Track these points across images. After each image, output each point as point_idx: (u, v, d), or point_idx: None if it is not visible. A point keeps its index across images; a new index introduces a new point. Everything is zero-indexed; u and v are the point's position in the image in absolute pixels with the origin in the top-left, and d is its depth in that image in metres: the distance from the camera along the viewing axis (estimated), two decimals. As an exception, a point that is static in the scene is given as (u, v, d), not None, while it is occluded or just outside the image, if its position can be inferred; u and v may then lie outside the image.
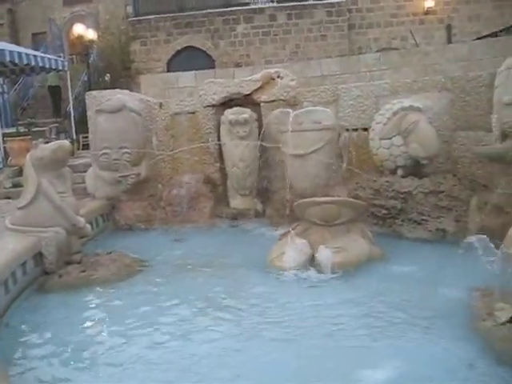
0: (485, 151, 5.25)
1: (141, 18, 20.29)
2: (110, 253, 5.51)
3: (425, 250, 5.26)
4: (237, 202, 7.04)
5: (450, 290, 4.09)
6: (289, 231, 5.31)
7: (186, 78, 11.36)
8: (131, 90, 8.55)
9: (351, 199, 5.36)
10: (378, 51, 16.98)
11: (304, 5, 20.53)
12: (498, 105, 4.96)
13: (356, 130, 6.47)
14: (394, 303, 4.02)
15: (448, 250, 4.64)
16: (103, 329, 3.96)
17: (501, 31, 16.20)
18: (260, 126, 6.85)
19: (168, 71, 18.99)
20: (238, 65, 18.63)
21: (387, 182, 5.74)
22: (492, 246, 3.46)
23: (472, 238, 3.52)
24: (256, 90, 7.03)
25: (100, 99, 7.16)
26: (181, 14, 20.35)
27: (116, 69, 19.11)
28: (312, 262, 4.86)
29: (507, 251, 3.27)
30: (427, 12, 21.13)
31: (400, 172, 5.77)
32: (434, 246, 5.34)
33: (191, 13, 20.32)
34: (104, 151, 6.96)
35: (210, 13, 20.34)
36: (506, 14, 20.50)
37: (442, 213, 5.53)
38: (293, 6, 20.51)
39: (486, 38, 14.38)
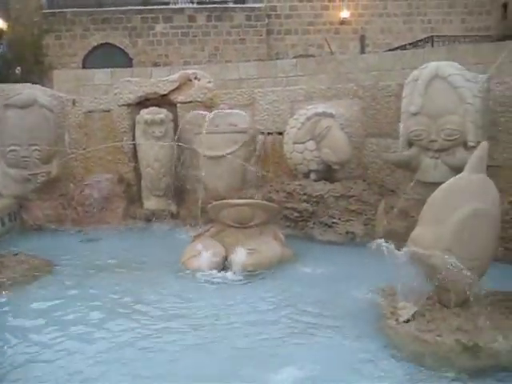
0: (392, 158, 5.50)
1: (55, 10, 19.62)
2: (17, 254, 5.29)
3: (335, 252, 5.42)
4: (151, 203, 6.96)
5: (358, 291, 4.23)
6: (202, 233, 5.32)
7: (102, 75, 11.10)
8: (43, 85, 8.25)
9: (264, 202, 5.45)
10: (295, 57, 17.33)
11: (224, 7, 20.66)
12: (404, 114, 5.20)
13: (271, 133, 6.59)
14: (303, 304, 4.11)
15: (356, 252, 4.81)
16: (5, 334, 3.78)
17: (410, 44, 17.03)
18: (176, 127, 6.81)
19: (84, 67, 18.49)
20: (156, 64, 18.43)
21: (300, 185, 5.87)
22: (396, 248, 3.60)
23: (378, 241, 3.65)
24: (173, 90, 7.00)
25: (9, 93, 6.86)
26: (98, 9, 19.86)
27: (28, 62, 18.33)
28: (225, 263, 4.90)
29: (410, 253, 3.43)
30: (343, 22, 21.82)
31: (313, 176, 5.93)
32: (343, 248, 5.51)
33: (109, 9, 19.90)
34: (12, 148, 6.69)
35: (129, 10, 20.01)
36: (414, 28, 21.57)
37: (351, 216, 5.72)
38: (213, 8, 20.58)
39: (396, 50, 15.05)
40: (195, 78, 7.09)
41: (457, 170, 4.02)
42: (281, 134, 6.37)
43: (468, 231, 3.36)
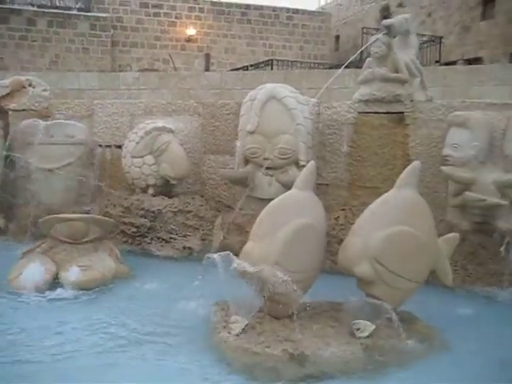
0: (229, 174, 5.63)
1: None
2: None
3: (172, 267, 5.42)
4: (-24, 218, 6.42)
5: (194, 306, 4.23)
6: (33, 249, 5.01)
7: None
8: None
9: (99, 216, 5.28)
10: (140, 71, 17.18)
11: (67, 14, 19.88)
12: (241, 132, 5.38)
13: (109, 146, 6.43)
14: (136, 321, 4.03)
15: (193, 268, 4.80)
16: None
17: (251, 66, 17.71)
18: (7, 136, 6.38)
19: None
20: (-11, 68, 17.15)
21: (138, 200, 5.81)
22: (232, 261, 3.66)
23: (214, 255, 3.69)
24: (4, 96, 6.56)
25: None
26: None
27: None
28: (56, 281, 4.65)
29: (242, 267, 3.51)
30: (189, 39, 22.10)
31: (151, 191, 5.88)
32: (180, 263, 5.52)
33: None
34: None
35: (-46, 6, 18.43)
36: (257, 51, 22.51)
37: (189, 231, 5.77)
38: (55, 13, 19.71)
39: (237, 71, 15.55)
40: (29, 85, 6.72)
41: (289, 187, 4.19)
42: (119, 147, 6.23)
43: (295, 245, 3.53)
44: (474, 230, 4.91)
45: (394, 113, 5.36)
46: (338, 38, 25.50)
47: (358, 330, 3.49)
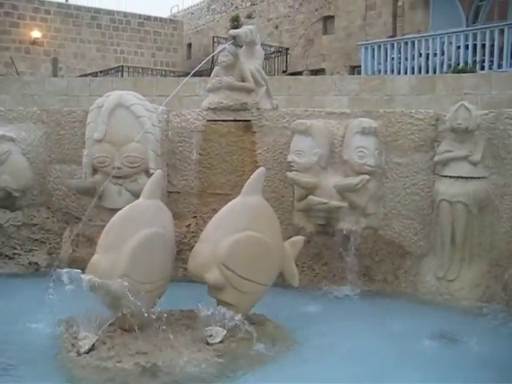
0: (76, 184, 5.43)
1: None
2: None
3: (16, 285, 5.10)
4: None
5: (40, 326, 4.02)
6: None
7: None
8: None
9: None
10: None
11: None
12: (89, 140, 5.21)
13: None
14: (-24, 346, 3.74)
15: (40, 284, 4.56)
16: None
17: (101, 72, 17.28)
18: None
19: None
20: None
21: (-24, 215, 5.42)
22: (79, 276, 3.51)
23: (59, 271, 3.52)
24: None
25: None
26: None
27: None
28: None
29: (89, 280, 3.39)
30: (34, 42, 20.94)
31: (-10, 204, 5.51)
32: (26, 280, 5.22)
33: None
34: None
35: None
36: (107, 57, 21.97)
37: (34, 246, 5.54)
38: None
39: (86, 77, 15.09)
40: None
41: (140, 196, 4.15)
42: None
43: (143, 256, 3.49)
44: (318, 231, 5.20)
45: (241, 120, 5.50)
46: (190, 45, 25.66)
47: (210, 336, 3.53)
